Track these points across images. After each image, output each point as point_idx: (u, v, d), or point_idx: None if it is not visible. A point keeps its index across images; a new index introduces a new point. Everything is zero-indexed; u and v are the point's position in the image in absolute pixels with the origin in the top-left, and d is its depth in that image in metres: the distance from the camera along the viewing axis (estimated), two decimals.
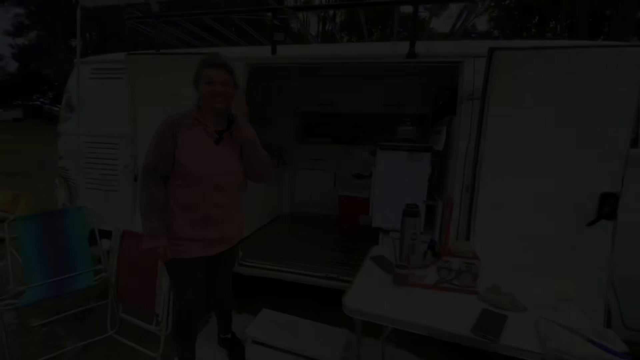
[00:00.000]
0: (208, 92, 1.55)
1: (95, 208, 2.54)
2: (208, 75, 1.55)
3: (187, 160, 1.53)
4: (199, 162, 1.55)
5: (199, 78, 1.58)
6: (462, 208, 1.95)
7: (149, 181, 1.55)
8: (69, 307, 2.61)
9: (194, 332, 1.85)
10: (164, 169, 1.55)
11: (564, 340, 1.08)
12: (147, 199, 1.54)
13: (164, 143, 1.52)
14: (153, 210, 1.54)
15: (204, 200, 1.59)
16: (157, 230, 1.54)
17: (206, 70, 1.56)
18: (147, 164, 1.54)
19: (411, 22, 1.97)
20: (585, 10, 10.53)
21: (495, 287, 1.41)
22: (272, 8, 2.08)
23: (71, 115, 2.61)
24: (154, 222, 1.54)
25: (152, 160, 1.54)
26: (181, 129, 1.54)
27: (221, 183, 1.60)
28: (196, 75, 1.60)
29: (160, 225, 1.55)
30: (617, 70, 1.57)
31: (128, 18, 2.52)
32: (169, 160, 1.54)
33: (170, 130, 1.53)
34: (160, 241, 1.55)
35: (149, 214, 1.54)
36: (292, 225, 3.53)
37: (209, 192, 1.59)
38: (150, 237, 1.54)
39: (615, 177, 1.63)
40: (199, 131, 1.58)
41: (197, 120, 1.59)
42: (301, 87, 4.00)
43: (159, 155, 1.53)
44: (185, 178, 1.56)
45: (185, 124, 1.56)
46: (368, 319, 1.30)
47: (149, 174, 1.55)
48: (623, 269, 1.75)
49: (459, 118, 1.95)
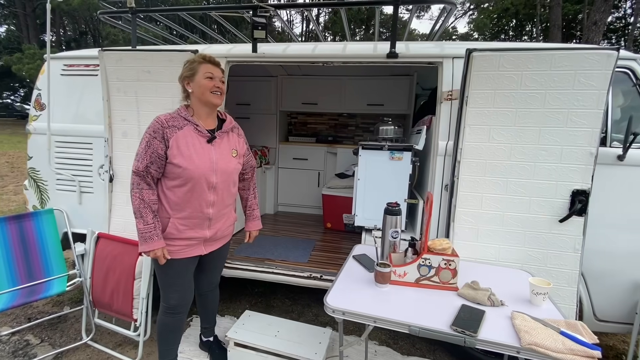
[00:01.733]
0: (209, 86, 1.56)
1: (68, 210, 2.45)
2: (209, 70, 1.57)
3: (180, 160, 1.51)
4: (192, 161, 1.53)
5: (194, 74, 1.57)
6: (442, 206, 1.98)
7: (141, 183, 1.52)
8: (40, 314, 2.50)
9: (178, 336, 1.82)
10: (155, 171, 1.53)
11: (538, 333, 1.12)
12: (140, 202, 1.50)
13: (155, 144, 1.50)
14: (148, 213, 1.51)
15: (198, 200, 1.58)
16: (154, 233, 1.51)
17: (205, 66, 1.57)
18: (138, 166, 1.51)
19: (392, 23, 1.98)
20: (559, 15, 10.95)
21: (474, 283, 1.45)
22: (253, 6, 2.05)
23: (41, 113, 2.49)
24: (150, 224, 1.51)
25: (142, 162, 1.50)
26: (171, 130, 1.52)
27: (214, 182, 1.60)
28: (191, 71, 1.58)
29: (156, 227, 1.53)
30: (588, 72, 1.63)
31: (102, 13, 2.43)
32: (160, 162, 1.52)
33: (160, 131, 1.51)
34: (157, 244, 1.52)
35: (144, 216, 1.50)
36: (275, 226, 3.50)
37: (203, 191, 1.58)
38: (146, 241, 1.50)
39: (586, 175, 1.70)
40: (189, 131, 1.56)
41: (186, 120, 1.57)
42: (283, 87, 3.97)
43: (149, 157, 1.50)
44: (178, 178, 1.54)
45: (175, 124, 1.54)
46: (350, 318, 1.30)
47: (139, 176, 1.51)
48: (593, 262, 1.83)
49: (438, 118, 1.98)
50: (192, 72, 1.57)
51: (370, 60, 2.10)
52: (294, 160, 4.02)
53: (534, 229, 1.79)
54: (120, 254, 2.12)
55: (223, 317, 2.49)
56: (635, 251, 1.80)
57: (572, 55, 1.64)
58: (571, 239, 1.75)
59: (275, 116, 4.00)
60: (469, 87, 1.78)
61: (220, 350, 2.03)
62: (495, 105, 1.76)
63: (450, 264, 1.47)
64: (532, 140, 1.74)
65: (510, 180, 1.79)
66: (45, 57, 2.42)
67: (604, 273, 1.85)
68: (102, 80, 2.15)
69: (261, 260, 2.48)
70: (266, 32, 2.10)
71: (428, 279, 1.49)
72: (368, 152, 2.23)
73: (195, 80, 1.56)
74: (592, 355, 1.03)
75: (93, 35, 22.86)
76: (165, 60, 2.06)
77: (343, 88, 3.84)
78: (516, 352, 1.11)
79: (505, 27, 21.28)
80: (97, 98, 2.33)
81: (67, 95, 2.46)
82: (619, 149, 1.78)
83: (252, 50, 2.17)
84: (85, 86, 2.44)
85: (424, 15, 23.27)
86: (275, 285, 2.90)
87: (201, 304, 1.98)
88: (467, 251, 1.85)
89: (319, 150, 3.96)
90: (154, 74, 2.09)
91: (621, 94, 1.91)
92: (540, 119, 1.72)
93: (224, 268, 2.32)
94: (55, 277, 2.23)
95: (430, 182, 2.01)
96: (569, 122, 1.69)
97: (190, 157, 1.53)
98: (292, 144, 4.08)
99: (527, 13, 18.43)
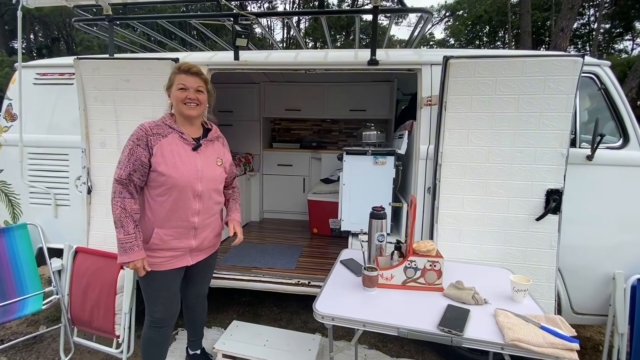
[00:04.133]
0: (181, 98, 1.54)
1: (42, 225, 2.34)
2: (181, 81, 1.54)
3: (164, 168, 1.49)
4: (177, 169, 1.51)
5: (171, 85, 1.57)
6: (425, 208, 2.03)
7: (123, 192, 1.48)
8: (14, 335, 2.37)
9: (164, 350, 1.77)
10: (138, 179, 1.49)
11: (520, 329, 1.16)
12: (121, 211, 1.46)
13: (138, 152, 1.47)
14: (129, 222, 1.47)
15: (183, 208, 1.56)
16: (135, 244, 1.47)
17: (179, 76, 1.55)
18: (121, 174, 1.47)
19: (372, 31, 2.03)
20: (529, 22, 11.48)
21: (458, 283, 1.49)
22: (234, 14, 2.05)
23: (13, 124, 2.38)
24: (131, 234, 1.47)
25: (125, 169, 1.46)
26: (155, 137, 1.50)
27: (200, 190, 1.58)
28: (169, 82, 1.58)
29: (137, 237, 1.49)
30: (557, 78, 1.72)
31: (76, 20, 2.37)
32: (144, 170, 1.49)
33: (144, 139, 1.49)
34: (137, 254, 1.48)
35: (125, 226, 1.46)
36: (261, 233, 3.47)
37: (188, 199, 1.56)
38: (126, 251, 1.46)
39: (558, 175, 1.78)
40: (174, 139, 1.55)
41: (171, 128, 1.56)
42: (266, 93, 3.97)
43: (132, 164, 1.47)
44: (162, 186, 1.51)
45: (159, 132, 1.53)
46: (339, 324, 1.31)
47: (122, 184, 1.47)
48: (568, 258, 1.91)
49: (419, 123, 2.03)
50: (170, 82, 1.58)
51: (351, 68, 2.14)
52: (279, 166, 4.01)
53: (513, 228, 1.86)
54: (101, 268, 2.04)
55: (210, 329, 2.44)
56: (605, 246, 1.90)
57: (542, 62, 1.73)
58: (547, 237, 1.83)
59: (259, 123, 3.98)
60: (447, 93, 1.85)
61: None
62: (473, 110, 1.83)
63: (435, 265, 1.50)
64: (508, 142, 1.82)
65: (489, 181, 1.86)
66: (16, 66, 2.33)
67: (578, 268, 1.93)
68: (79, 90, 2.09)
69: (248, 269, 2.46)
70: (248, 40, 2.10)
71: (414, 280, 1.52)
72: (352, 158, 2.26)
73: (172, 91, 1.56)
74: (571, 347, 1.08)
75: (66, 41, 22.09)
76: (144, 68, 2.03)
77: (325, 94, 3.88)
78: (500, 348, 1.15)
79: (479, 34, 22.10)
80: (72, 107, 2.26)
81: (40, 105, 2.37)
82: (588, 149, 1.88)
83: (234, 58, 2.17)
84: (60, 95, 2.36)
85: (402, 22, 23.89)
86: (263, 294, 2.87)
87: (188, 317, 1.94)
88: (450, 252, 1.89)
89: (303, 156, 3.97)
90: (133, 82, 2.05)
91: (588, 98, 2.03)
92: (514, 123, 1.80)
93: None
94: (31, 295, 2.12)
95: (413, 185, 2.05)
96: (541, 125, 1.78)
97: (175, 164, 1.51)
98: (276, 150, 4.08)
99: (500, 20, 19.25)
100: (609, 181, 1.89)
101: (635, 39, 17.45)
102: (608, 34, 17.55)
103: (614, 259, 1.89)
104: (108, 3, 2.15)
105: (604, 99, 1.94)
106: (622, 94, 1.91)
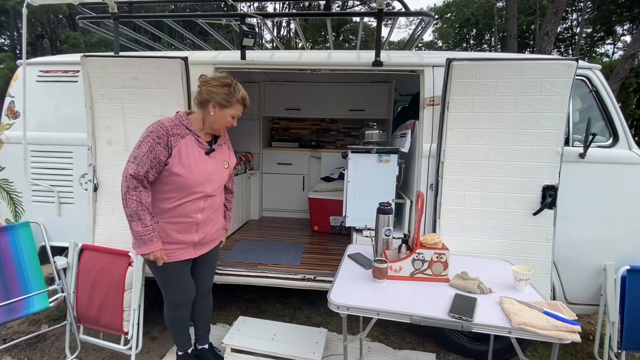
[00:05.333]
0: (228, 123, 1.65)
1: (45, 223, 2.33)
2: (238, 112, 1.65)
3: (179, 169, 1.53)
4: (190, 171, 1.56)
5: (226, 107, 1.59)
6: (428, 204, 2.11)
7: (139, 186, 1.51)
8: (16, 334, 2.34)
9: (187, 323, 1.90)
10: (152, 175, 1.53)
11: (525, 314, 1.24)
12: (138, 204, 1.50)
13: (157, 150, 1.50)
14: (146, 215, 1.52)
15: (189, 206, 1.61)
16: (153, 235, 1.53)
17: (239, 107, 1.64)
18: (138, 170, 1.49)
19: (376, 33, 2.10)
20: (515, 26, 11.79)
21: (464, 273, 1.56)
22: (241, 14, 2.09)
23: (15, 121, 2.36)
24: (149, 226, 1.52)
25: (143, 167, 1.49)
26: (175, 138, 1.54)
27: (209, 191, 1.65)
28: (224, 102, 1.59)
29: (155, 229, 1.55)
30: (553, 80, 1.82)
31: (80, 18, 2.36)
32: (160, 167, 1.53)
33: (165, 138, 1.52)
34: (156, 245, 1.55)
35: (142, 219, 1.50)
36: (262, 231, 3.50)
37: (196, 199, 1.62)
38: (146, 243, 1.52)
39: (554, 172, 1.89)
40: (191, 141, 1.59)
41: (188, 130, 1.60)
42: (266, 93, 4.01)
43: (150, 162, 1.50)
44: (173, 185, 1.56)
45: (178, 133, 1.56)
46: (354, 313, 1.37)
47: (138, 179, 1.50)
48: (562, 251, 2.02)
49: (421, 122, 2.11)
50: (227, 103, 1.59)
51: (356, 68, 2.20)
52: (279, 165, 4.05)
53: (511, 223, 1.95)
54: (108, 265, 2.05)
55: (215, 325, 2.46)
56: (596, 239, 2.02)
57: (539, 65, 1.83)
58: (544, 230, 1.93)
59: (259, 122, 4.01)
60: (449, 94, 1.93)
61: (215, 358, 2.01)
62: (474, 110, 1.92)
63: (442, 257, 1.58)
64: (507, 141, 1.91)
65: (489, 178, 1.95)
66: (19, 63, 2.31)
67: (571, 260, 2.04)
68: (85, 87, 2.09)
69: (254, 265, 2.49)
70: (255, 40, 2.14)
71: (422, 272, 1.59)
72: (357, 156, 2.33)
73: (224, 112, 1.60)
74: (573, 329, 1.16)
75: (50, 38, 21.52)
76: (153, 66, 2.04)
77: (325, 94, 3.93)
78: (508, 332, 1.22)
79: (466, 36, 22.54)
80: (76, 105, 2.26)
81: (44, 103, 2.36)
82: (580, 147, 2.00)
83: (241, 58, 2.20)
84: (64, 93, 2.35)
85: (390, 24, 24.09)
86: (265, 291, 2.91)
87: (196, 311, 1.97)
88: (452, 245, 1.96)
89: (303, 155, 4.02)
90: (141, 80, 2.06)
91: (579, 99, 2.15)
92: (513, 122, 1.90)
93: (215, 275, 2.30)
94: (35, 293, 2.11)
95: (416, 182, 2.13)
96: (538, 125, 1.88)
97: (189, 166, 1.56)
98: (275, 149, 4.11)
99: (486, 23, 19.68)
100: (599, 178, 2.01)
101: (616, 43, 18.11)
102: (590, 38, 18.16)
103: (605, 252, 2.00)
104: (114, 1, 2.16)
105: (595, 100, 2.06)
106: (612, 96, 2.03)
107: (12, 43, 17.91)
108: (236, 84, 1.63)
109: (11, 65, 15.12)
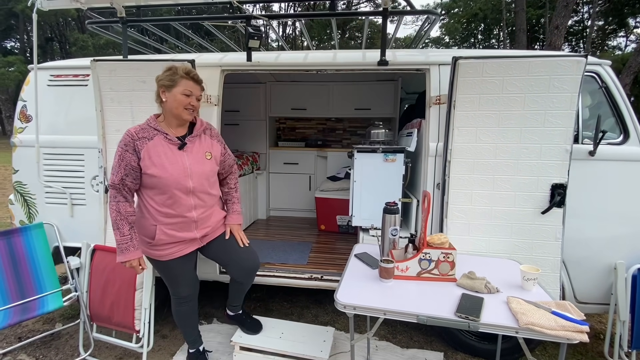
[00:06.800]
0: (184, 103, 1.58)
1: (58, 224, 2.39)
2: (188, 87, 1.59)
3: (153, 170, 1.56)
4: (165, 170, 1.57)
5: (173, 86, 1.58)
6: (435, 204, 2.10)
7: (118, 196, 1.57)
8: (31, 333, 2.41)
9: (195, 318, 1.96)
10: (131, 182, 1.58)
11: (533, 314, 1.23)
12: (117, 214, 1.56)
13: (127, 157, 1.55)
14: (124, 225, 1.57)
15: (179, 205, 1.64)
16: (130, 244, 1.59)
17: (187, 82, 1.59)
18: (113, 179, 1.56)
19: (382, 32, 2.09)
20: (524, 20, 11.61)
21: (471, 273, 1.56)
22: (247, 16, 2.10)
23: (27, 125, 2.42)
24: (126, 235, 1.58)
25: (117, 175, 1.56)
26: (141, 141, 1.57)
27: (191, 187, 1.64)
28: (170, 82, 1.58)
29: (133, 239, 1.59)
30: (561, 77, 1.80)
31: (90, 23, 2.40)
32: (135, 173, 1.57)
33: (131, 144, 1.55)
34: (132, 254, 1.60)
35: (121, 228, 1.57)
36: (269, 230, 3.53)
37: (181, 197, 1.63)
38: (122, 252, 1.59)
39: (563, 170, 1.87)
40: (159, 140, 1.60)
41: (156, 130, 1.61)
42: (272, 93, 4.02)
43: (123, 169, 1.55)
44: (156, 188, 1.60)
45: (145, 136, 1.59)
46: (360, 313, 1.38)
47: (115, 189, 1.57)
48: (572, 250, 2.00)
49: (428, 121, 2.10)
50: (171, 83, 1.57)
51: (362, 68, 2.20)
52: (285, 165, 4.07)
53: (519, 221, 1.94)
54: (120, 265, 2.08)
55: (223, 324, 2.50)
56: (607, 237, 1.99)
57: (547, 62, 1.80)
58: (552, 229, 1.91)
59: (265, 122, 4.04)
60: (456, 92, 1.92)
61: (252, 320, 2.12)
62: (481, 108, 1.91)
63: (449, 256, 1.58)
64: (514, 139, 1.90)
65: (496, 177, 1.94)
66: (31, 68, 2.36)
67: (581, 259, 2.02)
68: (95, 91, 2.13)
69: (261, 264, 2.51)
70: (260, 41, 2.15)
71: (428, 272, 1.60)
72: (363, 155, 2.33)
73: (172, 92, 1.57)
74: (581, 329, 1.16)
75: (59, 41, 21.91)
76: (161, 70, 2.07)
77: (331, 93, 3.93)
78: (515, 332, 1.22)
79: (474, 32, 22.26)
80: (87, 108, 2.30)
81: (55, 106, 2.41)
82: (590, 145, 1.97)
83: (247, 59, 2.22)
84: (75, 96, 2.40)
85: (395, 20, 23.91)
86: (272, 290, 2.94)
87: (235, 287, 2.02)
88: (459, 245, 1.96)
89: (309, 155, 4.04)
90: (150, 83, 2.09)
91: (589, 96, 2.11)
92: (521, 120, 1.88)
93: (222, 275, 2.34)
94: (50, 292, 2.17)
95: (423, 181, 2.13)
96: (546, 122, 1.86)
97: (163, 165, 1.57)
98: (282, 149, 4.13)
99: (494, 18, 19.40)
100: (610, 176, 1.98)
101: (629, 35, 17.70)
102: (602, 30, 17.77)
103: (615, 250, 1.97)
104: (122, 5, 2.19)
105: (605, 96, 2.03)
106: (622, 92, 1.99)
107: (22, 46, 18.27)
108: (180, 65, 1.62)
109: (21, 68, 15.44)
